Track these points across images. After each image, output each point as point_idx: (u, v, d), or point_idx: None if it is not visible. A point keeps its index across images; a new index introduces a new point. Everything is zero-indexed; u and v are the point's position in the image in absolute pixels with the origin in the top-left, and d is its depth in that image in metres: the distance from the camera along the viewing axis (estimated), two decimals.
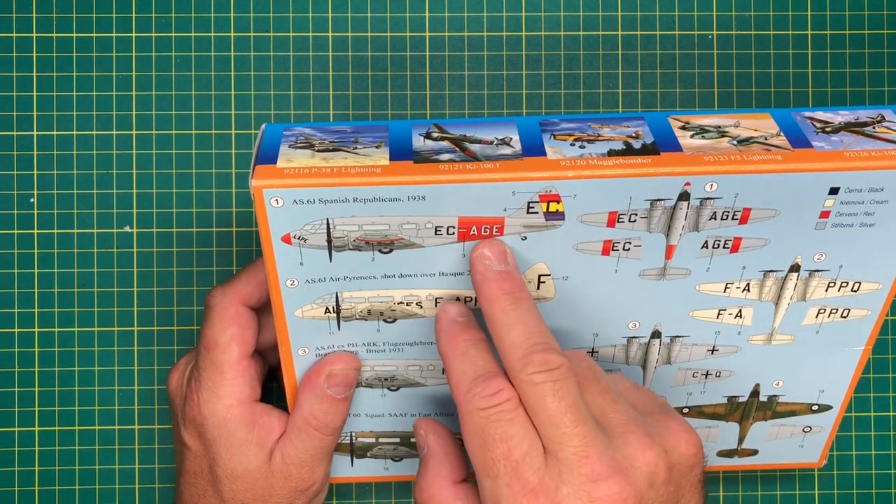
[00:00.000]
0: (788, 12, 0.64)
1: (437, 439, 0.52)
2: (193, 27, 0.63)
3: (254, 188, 0.45)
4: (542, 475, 0.44)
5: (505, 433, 0.45)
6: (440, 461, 0.52)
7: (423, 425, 0.53)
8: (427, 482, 0.51)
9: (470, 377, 0.47)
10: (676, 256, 0.50)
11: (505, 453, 0.45)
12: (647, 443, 0.46)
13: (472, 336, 0.49)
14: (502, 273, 0.48)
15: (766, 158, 0.46)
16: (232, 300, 0.55)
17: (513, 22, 0.64)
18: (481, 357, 0.48)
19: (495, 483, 0.45)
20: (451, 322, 0.50)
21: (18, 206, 0.63)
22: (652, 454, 0.46)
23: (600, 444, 0.45)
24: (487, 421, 0.45)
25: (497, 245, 0.49)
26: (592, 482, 0.44)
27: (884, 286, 0.52)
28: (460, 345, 0.48)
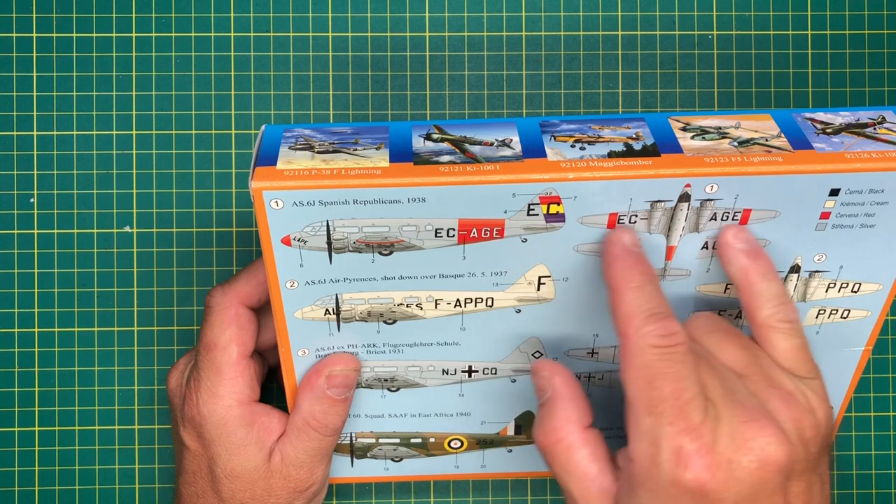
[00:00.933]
0: (788, 12, 0.64)
1: (565, 382, 0.50)
2: (193, 27, 0.63)
3: (253, 190, 0.45)
4: (705, 415, 0.44)
5: (678, 374, 0.44)
6: (569, 404, 0.50)
7: (547, 367, 0.51)
8: (555, 425, 0.49)
9: (645, 311, 0.46)
10: (677, 257, 0.50)
11: (675, 393, 0.44)
12: (791, 400, 0.47)
13: (649, 270, 0.48)
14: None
15: (767, 160, 0.46)
16: (232, 300, 0.55)
17: (513, 22, 0.64)
18: (657, 294, 0.47)
19: (658, 420, 0.44)
20: (626, 250, 0.48)
21: (18, 206, 0.63)
22: (797, 411, 0.47)
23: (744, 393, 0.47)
24: (660, 359, 0.45)
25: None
26: (744, 423, 0.45)
27: (884, 287, 0.52)
28: (637, 276, 0.47)
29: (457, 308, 0.52)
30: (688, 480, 0.44)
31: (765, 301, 0.49)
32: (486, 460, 0.61)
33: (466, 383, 0.57)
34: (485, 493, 0.66)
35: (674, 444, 0.44)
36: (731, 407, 0.45)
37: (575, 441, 0.49)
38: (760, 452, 0.44)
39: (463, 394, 0.57)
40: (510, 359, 0.55)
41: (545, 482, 0.66)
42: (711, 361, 0.48)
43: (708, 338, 0.50)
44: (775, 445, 0.44)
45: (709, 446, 0.44)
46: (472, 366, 0.56)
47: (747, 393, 0.47)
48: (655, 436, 0.44)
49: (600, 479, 0.48)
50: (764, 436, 0.44)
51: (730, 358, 0.49)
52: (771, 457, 0.44)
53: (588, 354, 0.55)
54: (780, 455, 0.44)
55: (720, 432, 0.44)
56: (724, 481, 0.44)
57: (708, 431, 0.44)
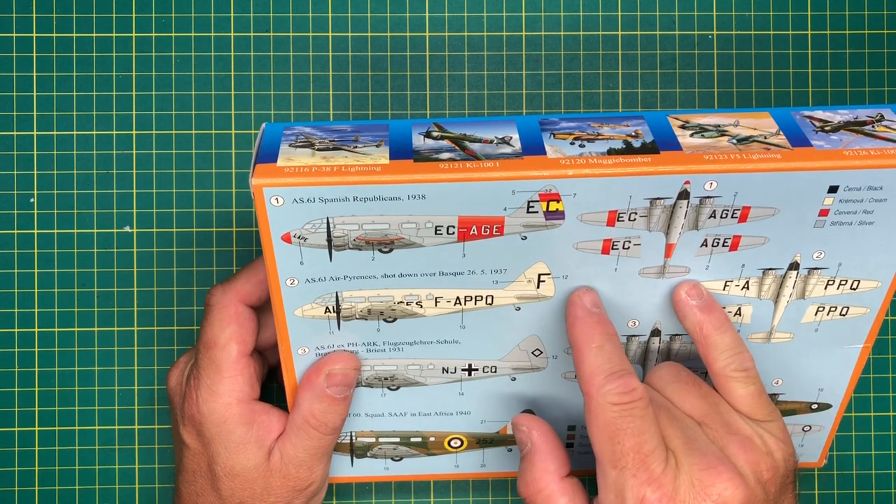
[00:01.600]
0: (788, 12, 0.64)
1: (542, 435, 0.53)
2: (193, 27, 0.63)
3: (254, 187, 0.45)
4: (665, 466, 0.48)
5: (638, 428, 0.48)
6: (546, 456, 0.53)
7: (524, 421, 0.54)
8: (534, 476, 0.52)
9: (605, 371, 0.48)
10: (676, 255, 0.50)
11: (635, 447, 0.47)
12: (749, 444, 0.50)
13: (608, 330, 0.50)
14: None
15: (766, 157, 0.46)
16: (232, 299, 0.55)
17: (513, 22, 0.64)
18: (616, 353, 0.49)
19: (622, 474, 0.48)
20: (587, 311, 0.51)
21: (18, 206, 0.63)
22: (754, 454, 0.50)
23: (703, 440, 0.50)
24: (620, 416, 0.48)
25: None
26: (703, 470, 0.48)
27: (883, 284, 0.52)
28: (597, 337, 0.50)
29: (457, 306, 0.52)
30: None
31: (720, 353, 0.52)
32: (486, 459, 0.61)
33: (466, 382, 0.57)
34: (485, 493, 0.66)
35: (637, 495, 0.47)
36: (690, 455, 0.48)
37: (554, 491, 0.52)
38: (718, 497, 0.47)
39: (463, 392, 0.57)
40: (510, 357, 0.55)
41: None
42: (672, 411, 0.51)
43: (670, 388, 0.53)
44: (732, 490, 0.47)
45: (670, 495, 0.47)
46: (472, 364, 0.56)
47: (706, 440, 0.50)
48: (620, 487, 0.48)
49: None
50: (721, 481, 0.48)
51: (689, 407, 0.52)
52: (728, 501, 0.47)
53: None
54: (738, 498, 0.48)
55: (680, 480, 0.48)
56: None
57: (669, 480, 0.47)
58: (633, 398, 0.48)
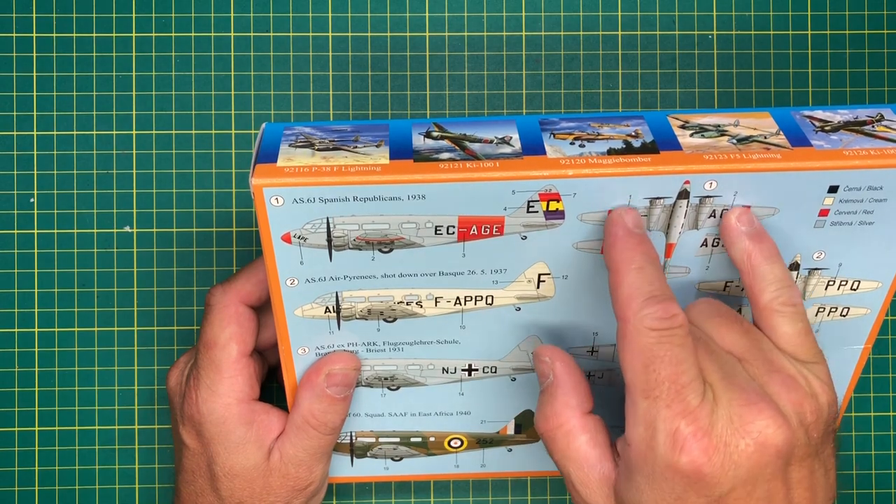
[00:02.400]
0: (788, 12, 0.64)
1: (565, 367, 0.50)
2: (193, 27, 0.63)
3: (254, 187, 0.45)
4: (702, 399, 0.44)
5: (676, 357, 0.44)
6: (569, 390, 0.50)
7: (548, 352, 0.51)
8: (555, 410, 0.49)
9: (645, 294, 0.45)
10: (676, 255, 0.50)
11: (672, 376, 0.44)
12: (791, 384, 0.46)
13: (650, 252, 0.47)
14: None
15: (766, 157, 0.46)
16: (232, 299, 0.55)
17: (513, 22, 0.64)
18: (658, 277, 0.46)
19: (654, 404, 0.44)
20: (628, 231, 0.47)
21: (18, 206, 0.63)
22: (797, 395, 0.46)
23: (744, 376, 0.46)
24: (658, 342, 0.44)
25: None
26: (743, 406, 0.44)
27: (883, 284, 0.52)
28: (637, 257, 0.46)
29: (457, 306, 0.52)
30: (684, 464, 0.43)
31: (767, 284, 0.49)
32: (486, 459, 0.61)
33: (466, 382, 0.57)
34: (485, 493, 0.66)
35: (670, 428, 0.44)
36: (729, 390, 0.45)
37: (575, 426, 0.49)
38: (758, 436, 0.44)
39: (463, 392, 0.57)
40: (510, 357, 0.55)
41: (545, 482, 0.65)
42: (711, 346, 0.47)
43: (709, 322, 0.49)
44: (774, 429, 0.44)
45: (706, 429, 0.43)
46: (472, 364, 0.56)
47: (747, 377, 0.46)
48: (652, 419, 0.44)
49: (600, 465, 0.48)
50: (762, 419, 0.44)
51: (730, 342, 0.48)
52: (769, 440, 0.44)
53: (588, 353, 0.55)
54: (779, 439, 0.44)
55: (718, 415, 0.44)
56: (721, 465, 0.43)
57: (705, 415, 0.44)
58: (674, 324, 0.44)
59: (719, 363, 0.46)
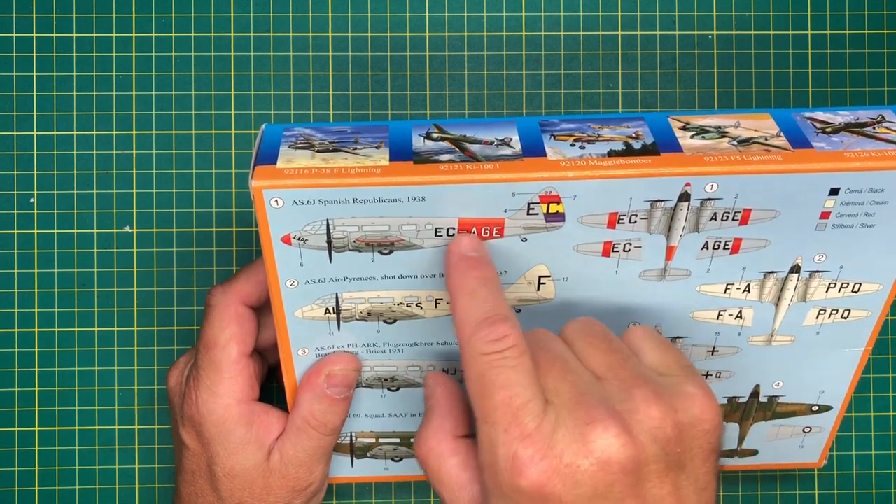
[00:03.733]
0: (788, 12, 0.64)
1: (444, 392, 0.51)
2: (193, 27, 0.63)
3: (254, 189, 0.45)
4: (540, 420, 0.43)
5: (507, 380, 0.44)
6: (444, 414, 0.50)
7: (432, 378, 0.52)
8: (428, 434, 0.50)
9: (476, 318, 0.45)
10: (677, 257, 0.50)
11: (505, 400, 0.43)
12: (652, 398, 0.45)
13: (483, 274, 0.47)
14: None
15: (767, 159, 0.46)
16: (232, 299, 0.55)
17: (513, 22, 0.64)
18: (490, 298, 0.46)
19: (493, 429, 0.43)
20: (461, 257, 0.47)
21: (18, 206, 0.63)
22: (657, 409, 0.44)
23: (597, 394, 0.44)
24: (490, 367, 0.44)
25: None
26: (587, 424, 0.43)
27: (884, 287, 0.52)
28: (469, 282, 0.46)
29: None
30: (525, 486, 0.43)
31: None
32: None
33: None
34: None
35: (508, 452, 0.43)
36: (576, 409, 0.44)
37: (445, 450, 0.49)
38: (600, 454, 0.43)
39: None
40: None
41: None
42: (570, 364, 0.46)
43: (578, 341, 0.48)
44: (617, 446, 0.43)
45: (543, 451, 0.43)
46: None
47: (601, 395, 0.45)
48: (492, 444, 0.44)
49: (469, 487, 0.48)
50: (605, 436, 0.43)
51: (594, 361, 0.47)
52: (612, 457, 0.43)
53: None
54: (623, 455, 0.43)
55: (557, 436, 0.43)
56: (563, 485, 0.43)
57: (543, 436, 0.43)
58: (504, 346, 0.44)
59: (573, 381, 0.45)
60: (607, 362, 0.47)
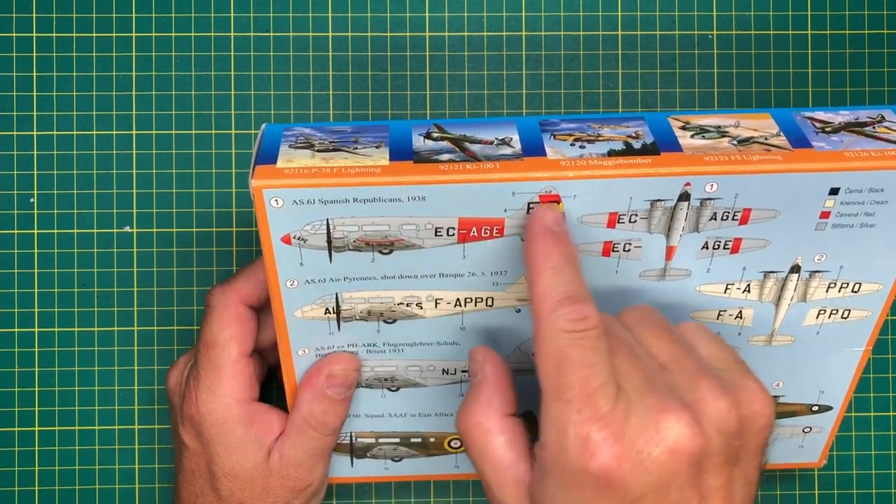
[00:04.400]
0: (788, 12, 0.64)
1: (495, 368, 0.50)
2: (193, 27, 0.63)
3: (254, 188, 0.45)
4: (615, 404, 0.43)
5: (587, 360, 0.43)
6: (494, 391, 0.49)
7: (481, 353, 0.51)
8: (476, 409, 0.49)
9: (559, 294, 0.44)
10: (677, 257, 0.50)
11: (582, 380, 0.43)
12: (719, 391, 0.45)
13: (568, 251, 0.46)
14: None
15: (767, 158, 0.46)
16: (232, 299, 0.55)
17: (513, 22, 0.64)
18: (574, 277, 0.45)
19: (565, 408, 0.43)
20: (546, 230, 0.46)
21: (18, 206, 0.63)
22: (724, 402, 0.45)
23: (665, 383, 0.45)
24: (570, 344, 0.44)
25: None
26: (659, 412, 0.43)
27: (884, 287, 0.52)
28: (554, 257, 0.45)
29: (457, 307, 0.52)
30: (593, 469, 0.43)
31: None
32: None
33: (467, 383, 0.57)
34: None
35: (580, 432, 0.43)
36: (645, 396, 0.44)
37: (493, 427, 0.48)
38: (672, 442, 0.43)
39: (463, 394, 0.57)
40: (510, 358, 0.55)
41: None
42: (636, 350, 0.47)
43: (639, 328, 0.49)
44: (687, 436, 0.43)
45: (616, 435, 0.43)
46: None
47: (667, 383, 0.45)
48: (563, 423, 0.43)
49: (515, 467, 0.47)
50: (676, 425, 0.43)
51: (658, 349, 0.48)
52: (682, 446, 0.43)
53: None
54: (692, 445, 0.43)
55: (630, 421, 0.43)
56: (631, 471, 0.43)
57: (616, 420, 0.43)
58: (587, 326, 0.44)
59: (640, 368, 0.45)
60: (671, 352, 0.47)
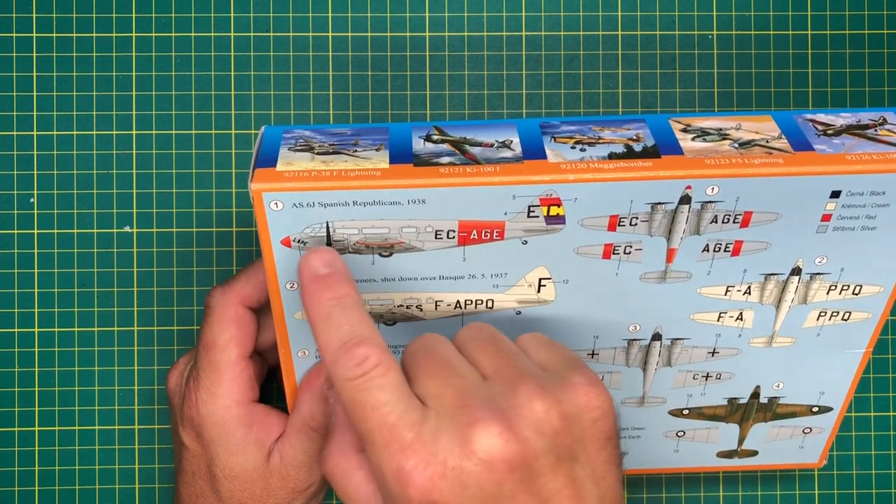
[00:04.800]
0: (788, 12, 0.64)
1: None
2: (193, 27, 0.63)
3: (253, 191, 0.45)
4: (418, 429, 0.43)
5: (377, 401, 0.43)
6: (345, 430, 0.49)
7: (332, 395, 0.51)
8: (331, 451, 0.49)
9: (335, 343, 0.44)
10: (677, 260, 0.50)
11: (378, 421, 0.43)
12: (536, 392, 0.44)
13: (336, 293, 0.46)
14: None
15: (768, 161, 0.46)
16: (231, 300, 0.55)
17: (513, 22, 0.64)
18: (346, 320, 0.45)
19: (375, 449, 0.43)
20: (312, 278, 0.46)
21: (18, 206, 0.63)
22: (541, 403, 0.44)
23: (481, 394, 0.44)
24: (357, 391, 0.43)
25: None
26: (468, 426, 0.42)
27: (885, 289, 0.52)
28: (324, 306, 0.45)
29: (457, 310, 0.52)
30: (414, 497, 0.42)
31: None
32: None
33: None
34: None
35: (393, 467, 0.43)
36: (456, 414, 0.43)
37: (350, 465, 0.48)
38: (483, 454, 0.42)
39: None
40: None
41: None
42: (456, 367, 0.46)
43: (468, 345, 0.48)
44: (500, 444, 0.42)
45: (427, 459, 0.42)
46: None
47: (485, 396, 0.44)
48: (377, 464, 0.44)
49: (375, 498, 0.47)
50: (486, 436, 0.42)
51: (481, 362, 0.47)
52: (495, 456, 0.42)
53: (588, 356, 0.55)
54: (506, 452, 0.42)
55: (440, 442, 0.43)
56: (450, 489, 0.42)
57: (424, 444, 0.43)
58: (366, 368, 0.43)
59: (457, 384, 0.45)
60: (494, 363, 0.46)
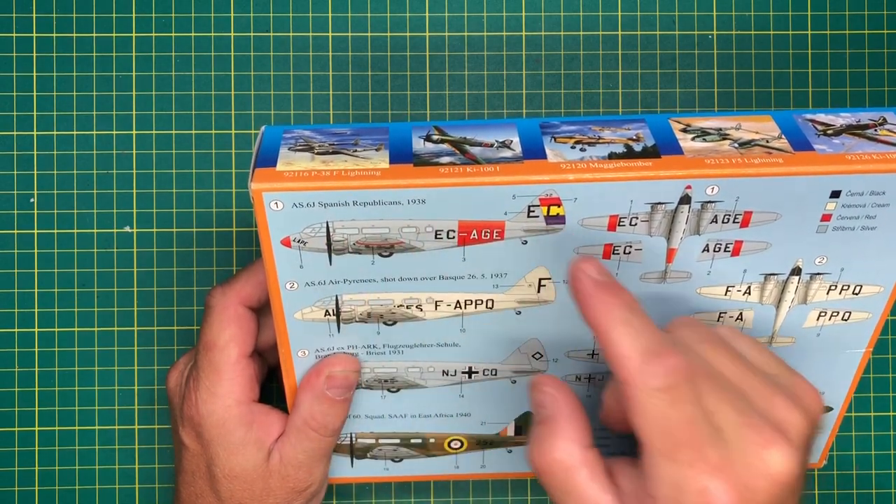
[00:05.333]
0: (788, 12, 0.64)
1: (567, 401, 0.48)
2: (193, 27, 0.63)
3: (253, 191, 0.45)
4: (720, 450, 0.43)
5: (689, 416, 0.43)
6: (569, 423, 0.48)
7: (550, 383, 0.49)
8: (556, 445, 0.47)
9: (640, 352, 0.43)
10: (677, 260, 0.50)
11: (689, 437, 0.43)
12: (791, 405, 0.45)
13: (627, 300, 0.45)
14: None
15: (768, 161, 0.46)
16: (231, 300, 0.55)
17: (513, 22, 0.64)
18: (646, 325, 0.44)
19: (679, 467, 0.43)
20: (596, 284, 0.45)
21: (18, 206, 0.63)
22: (798, 415, 0.45)
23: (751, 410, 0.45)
24: (669, 406, 0.43)
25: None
26: (763, 447, 0.43)
27: (885, 289, 0.52)
28: (617, 312, 0.44)
29: (457, 309, 0.52)
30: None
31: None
32: (486, 460, 0.61)
33: (466, 384, 0.57)
34: (485, 494, 0.66)
35: (698, 486, 0.43)
36: (742, 431, 0.44)
37: (575, 462, 0.47)
38: (774, 472, 0.43)
39: (463, 395, 0.57)
40: (510, 360, 0.55)
41: None
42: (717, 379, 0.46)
43: (700, 348, 0.47)
44: (788, 463, 0.43)
45: (731, 480, 0.43)
46: (473, 367, 0.56)
47: (751, 409, 0.45)
48: (678, 481, 0.43)
49: (597, 498, 0.47)
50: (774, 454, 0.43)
51: (725, 368, 0.47)
52: (783, 474, 0.43)
53: (588, 356, 0.55)
54: (792, 467, 0.44)
55: (736, 462, 0.43)
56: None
57: (727, 465, 0.43)
58: (678, 380, 0.43)
59: (729, 399, 0.45)
60: (737, 372, 0.46)
